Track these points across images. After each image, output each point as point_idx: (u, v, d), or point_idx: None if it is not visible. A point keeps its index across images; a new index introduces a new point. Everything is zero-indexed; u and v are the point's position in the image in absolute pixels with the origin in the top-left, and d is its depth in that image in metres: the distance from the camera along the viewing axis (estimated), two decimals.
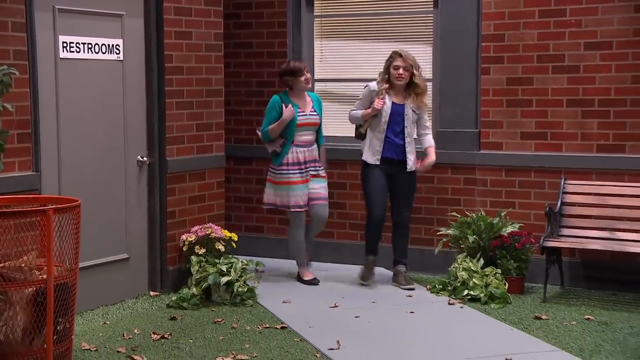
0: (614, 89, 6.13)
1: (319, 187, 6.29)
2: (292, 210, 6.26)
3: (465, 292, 5.90)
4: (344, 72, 7.23)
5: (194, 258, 5.93)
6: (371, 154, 6.16)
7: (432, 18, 6.82)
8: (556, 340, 4.99)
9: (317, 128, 6.36)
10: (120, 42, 5.80)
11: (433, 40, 6.82)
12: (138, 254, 6.03)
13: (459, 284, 5.98)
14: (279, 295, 6.01)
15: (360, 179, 6.37)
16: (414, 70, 6.02)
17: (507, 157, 6.48)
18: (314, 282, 6.39)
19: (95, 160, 5.69)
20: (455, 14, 6.61)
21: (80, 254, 4.55)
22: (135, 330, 5.17)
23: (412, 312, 5.66)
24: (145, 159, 6.02)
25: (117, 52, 5.80)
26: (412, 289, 6.17)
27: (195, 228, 6.12)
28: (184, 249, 6.06)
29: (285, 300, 5.92)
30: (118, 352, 4.77)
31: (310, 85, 6.36)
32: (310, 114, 6.28)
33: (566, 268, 6.25)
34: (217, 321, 5.38)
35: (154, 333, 5.11)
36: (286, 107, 6.15)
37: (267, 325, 5.29)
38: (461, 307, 5.77)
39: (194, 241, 6.02)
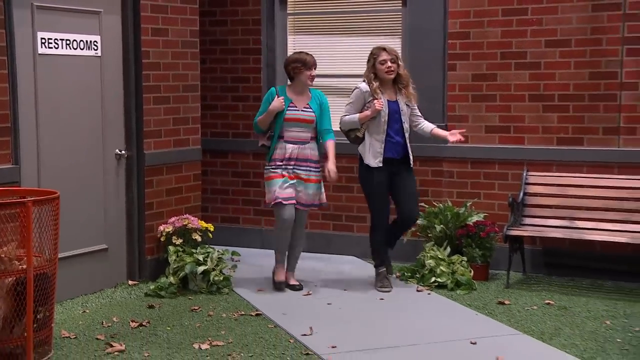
0: (573, 85, 6.19)
1: (305, 192, 5.76)
2: (274, 203, 5.72)
3: (433, 279, 5.94)
4: (317, 67, 7.21)
5: (171, 248, 5.91)
6: (373, 157, 5.75)
7: (400, 16, 6.83)
8: (518, 324, 5.04)
9: (313, 126, 5.79)
10: (97, 38, 5.75)
11: (402, 37, 6.82)
12: (117, 245, 6.00)
13: (426, 272, 6.02)
14: (254, 284, 6.01)
15: (360, 182, 5.98)
16: (399, 62, 5.75)
17: (472, 150, 6.53)
18: (280, 287, 5.91)
19: (74, 154, 5.65)
20: (422, 13, 6.63)
21: (60, 244, 4.51)
22: (114, 319, 5.15)
23: (381, 299, 5.68)
24: (123, 152, 5.99)
25: (95, 48, 5.75)
26: (388, 291, 5.90)
27: (173, 219, 6.09)
28: (162, 239, 6.03)
29: (260, 288, 5.92)
30: (97, 339, 4.74)
31: (312, 84, 5.86)
32: (303, 110, 5.77)
33: (528, 255, 6.31)
34: (194, 309, 5.37)
35: (133, 321, 5.08)
36: (278, 98, 5.77)
37: (243, 313, 5.29)
38: (429, 294, 5.80)
39: (171, 232, 6.00)
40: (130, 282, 6.02)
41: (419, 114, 5.97)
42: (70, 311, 5.32)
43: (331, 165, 5.81)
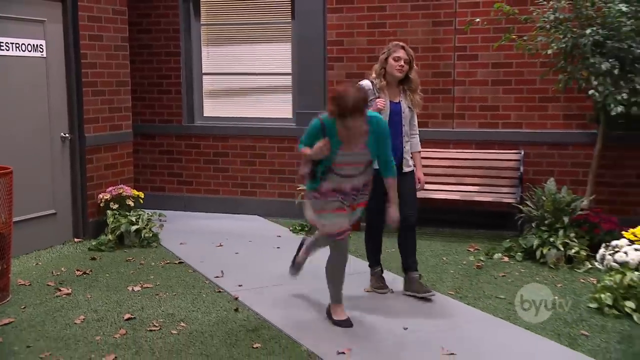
0: (421, 82, 6.36)
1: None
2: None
3: (317, 231, 6.08)
4: (225, 67, 7.21)
5: (109, 212, 5.85)
6: None
7: (290, 27, 6.89)
8: (385, 263, 5.11)
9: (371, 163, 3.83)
10: (43, 42, 5.57)
11: (291, 43, 6.89)
12: (64, 210, 5.88)
13: (313, 226, 6.17)
14: (177, 239, 6.00)
15: None
16: (413, 64, 4.37)
17: None
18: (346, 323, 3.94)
19: (26, 137, 5.48)
20: (307, 24, 6.69)
21: (16, 210, 4.42)
22: (62, 269, 5.08)
23: (278, 248, 5.75)
24: (67, 135, 5.84)
25: (41, 50, 5.56)
26: (432, 295, 4.37)
27: (110, 189, 6.01)
28: (101, 205, 5.96)
29: (182, 242, 5.91)
30: (48, 285, 4.68)
31: (363, 131, 3.63)
32: (356, 155, 3.68)
33: None
34: (129, 260, 5.35)
35: (78, 270, 5.03)
36: (324, 137, 3.61)
37: (168, 261, 5.30)
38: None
39: (109, 199, 5.93)
40: (75, 240, 5.91)
41: (416, 124, 4.49)
42: (25, 264, 5.21)
43: None
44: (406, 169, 4.39)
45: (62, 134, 5.80)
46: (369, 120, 3.66)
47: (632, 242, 4.45)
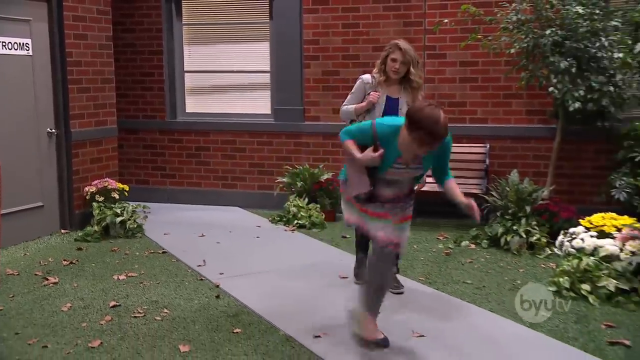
0: None
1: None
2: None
3: (295, 221, 6.09)
4: (206, 65, 7.20)
5: (95, 204, 5.81)
6: None
7: (268, 27, 6.88)
8: (352, 250, 5.19)
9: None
10: (29, 41, 5.50)
11: (270, 42, 6.88)
12: (51, 202, 5.83)
13: (291, 216, 6.17)
14: (160, 229, 5.98)
15: None
16: (412, 68, 4.13)
17: (323, 126, 6.70)
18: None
19: (13, 133, 5.42)
20: (285, 24, 6.69)
21: (5, 203, 4.37)
22: (50, 259, 5.05)
23: (258, 237, 5.75)
24: (53, 131, 5.79)
25: (27, 49, 5.50)
26: (401, 291, 4.30)
27: (96, 182, 5.98)
28: (87, 197, 5.92)
29: (165, 232, 5.90)
30: (36, 275, 4.66)
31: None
32: (411, 168, 3.27)
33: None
34: (114, 250, 5.33)
35: (64, 260, 5.00)
36: (377, 149, 3.18)
37: (152, 251, 5.28)
38: (292, 232, 5.94)
39: (94, 191, 5.90)
40: (62, 231, 5.87)
41: None
42: (13, 254, 5.17)
43: None
44: None
45: (48, 129, 5.75)
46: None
47: (588, 229, 4.55)
